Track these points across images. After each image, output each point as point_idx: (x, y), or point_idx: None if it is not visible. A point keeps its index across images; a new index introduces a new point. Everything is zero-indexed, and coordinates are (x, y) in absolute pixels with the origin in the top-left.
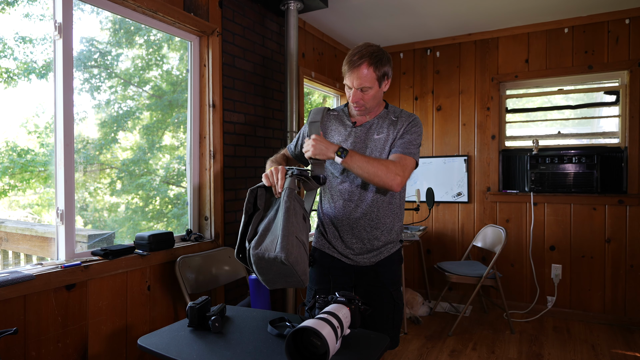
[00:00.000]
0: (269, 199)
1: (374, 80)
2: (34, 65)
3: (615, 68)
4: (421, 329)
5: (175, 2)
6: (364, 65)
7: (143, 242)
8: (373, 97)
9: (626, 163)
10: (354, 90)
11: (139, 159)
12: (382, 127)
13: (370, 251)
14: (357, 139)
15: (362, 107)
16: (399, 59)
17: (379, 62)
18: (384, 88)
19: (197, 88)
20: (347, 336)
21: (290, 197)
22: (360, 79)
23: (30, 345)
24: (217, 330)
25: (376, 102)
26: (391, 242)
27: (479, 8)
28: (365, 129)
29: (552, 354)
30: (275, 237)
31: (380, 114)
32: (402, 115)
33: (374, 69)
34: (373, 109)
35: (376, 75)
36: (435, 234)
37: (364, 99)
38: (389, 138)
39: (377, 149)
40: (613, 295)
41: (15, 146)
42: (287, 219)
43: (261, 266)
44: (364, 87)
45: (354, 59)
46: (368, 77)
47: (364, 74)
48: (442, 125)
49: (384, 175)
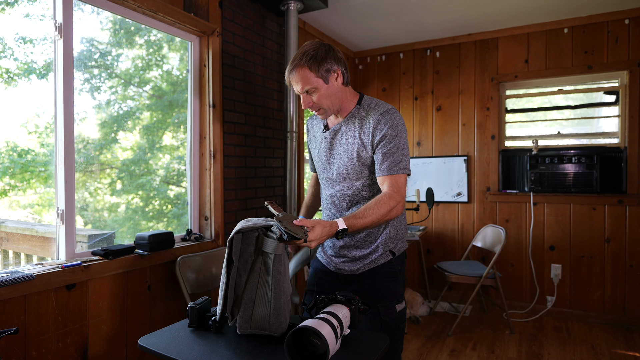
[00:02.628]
0: (246, 249)
1: (316, 79)
2: (34, 66)
3: (615, 68)
4: (421, 328)
5: (176, 2)
6: (298, 68)
7: (143, 242)
8: (326, 96)
9: (626, 163)
10: (302, 96)
11: (139, 159)
12: (350, 130)
13: (353, 260)
14: (328, 145)
15: (318, 109)
16: (399, 59)
17: (314, 59)
18: (336, 83)
19: (197, 88)
20: (347, 336)
21: (280, 262)
22: (300, 82)
23: (30, 345)
24: (218, 330)
25: (334, 101)
26: (375, 251)
27: (479, 8)
28: (334, 134)
29: (552, 354)
30: (269, 312)
31: (351, 113)
32: (373, 112)
33: (309, 68)
34: (334, 108)
35: (315, 74)
36: (435, 234)
37: (316, 102)
38: (355, 142)
39: (344, 155)
40: (613, 295)
41: (15, 146)
42: (280, 291)
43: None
44: (308, 89)
45: (290, 67)
46: (307, 78)
47: (302, 76)
48: (442, 125)
49: (387, 216)
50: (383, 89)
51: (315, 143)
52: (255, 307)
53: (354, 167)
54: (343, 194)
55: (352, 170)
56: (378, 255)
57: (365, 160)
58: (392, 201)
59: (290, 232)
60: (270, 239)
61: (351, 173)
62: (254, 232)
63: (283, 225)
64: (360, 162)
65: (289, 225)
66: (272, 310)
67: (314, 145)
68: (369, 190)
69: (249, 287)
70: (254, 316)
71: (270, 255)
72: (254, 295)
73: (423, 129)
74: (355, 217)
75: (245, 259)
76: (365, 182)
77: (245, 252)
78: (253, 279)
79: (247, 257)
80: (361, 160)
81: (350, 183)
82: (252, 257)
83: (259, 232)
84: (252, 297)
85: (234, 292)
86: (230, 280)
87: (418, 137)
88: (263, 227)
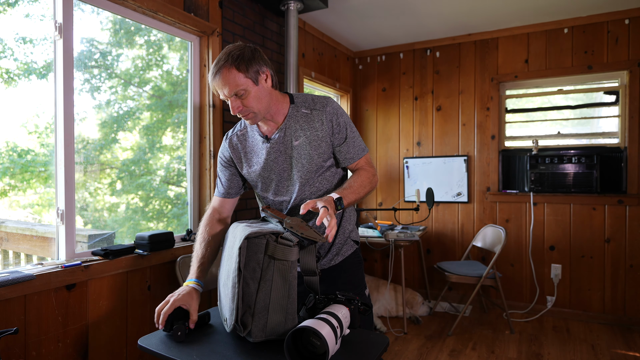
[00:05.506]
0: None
1: (245, 80)
2: (34, 66)
3: (615, 68)
4: (421, 328)
5: (176, 2)
6: (225, 70)
7: (143, 242)
8: (256, 99)
9: (626, 163)
10: (230, 100)
11: (139, 159)
12: (297, 130)
13: (321, 256)
14: (277, 153)
15: (249, 114)
16: (399, 59)
17: (241, 60)
18: (265, 85)
19: (197, 88)
20: (346, 336)
21: (294, 268)
22: (228, 84)
23: (30, 345)
24: (180, 340)
25: (265, 104)
26: (341, 241)
27: (479, 8)
28: (279, 140)
29: (552, 354)
30: (284, 318)
31: (289, 114)
32: (316, 106)
33: (237, 68)
34: (264, 112)
35: (244, 75)
36: (435, 234)
37: (246, 105)
38: (309, 139)
39: (302, 156)
40: (613, 295)
41: (15, 146)
42: (294, 296)
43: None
44: (237, 91)
45: (213, 70)
46: (235, 79)
47: (229, 77)
48: (442, 125)
49: (371, 184)
50: (383, 89)
51: (251, 160)
52: (270, 315)
53: (314, 164)
54: (307, 196)
55: (314, 169)
56: (341, 244)
57: (323, 154)
58: (370, 172)
59: (309, 237)
60: (287, 246)
61: (312, 171)
62: (262, 239)
63: (299, 232)
64: (320, 157)
65: (305, 230)
66: (288, 315)
67: (247, 162)
68: (328, 180)
69: (261, 296)
70: (269, 323)
71: (288, 262)
72: (268, 303)
73: (423, 129)
74: (344, 189)
75: (252, 267)
76: (324, 175)
77: (253, 260)
78: (265, 287)
79: (255, 265)
80: (321, 156)
81: (313, 180)
82: (261, 265)
83: (267, 239)
84: (265, 306)
85: (242, 302)
86: (239, 289)
87: (418, 137)
88: (271, 233)
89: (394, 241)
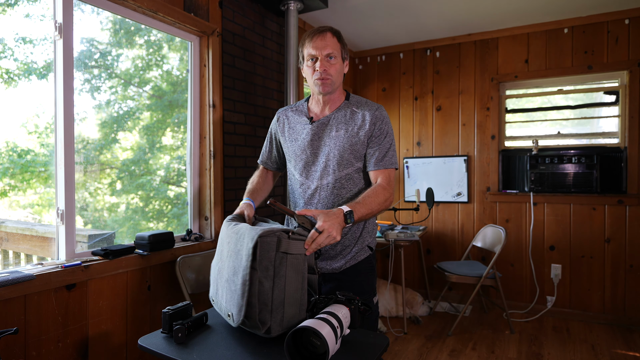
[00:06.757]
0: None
1: (339, 50)
2: (34, 66)
3: (615, 68)
4: (421, 328)
5: (176, 2)
6: (330, 33)
7: (143, 242)
8: (338, 71)
9: (626, 163)
10: (320, 59)
11: (139, 159)
12: (341, 122)
13: (334, 257)
14: (314, 136)
15: (328, 79)
16: (399, 59)
17: (341, 36)
18: (345, 69)
19: (197, 88)
20: (347, 336)
21: (305, 261)
22: (327, 46)
23: (30, 345)
24: (181, 341)
25: (340, 81)
26: (355, 246)
27: (479, 8)
28: (322, 125)
29: (552, 354)
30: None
31: (340, 107)
32: (365, 108)
33: (338, 39)
34: (335, 87)
35: (340, 46)
36: (435, 234)
37: (331, 71)
38: (347, 134)
39: (336, 146)
40: (613, 295)
41: (15, 146)
42: (306, 287)
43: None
44: (331, 53)
45: (317, 30)
46: (334, 45)
47: (332, 41)
48: (442, 125)
49: (383, 206)
50: (383, 89)
51: (292, 135)
52: (286, 309)
53: (344, 159)
54: (327, 184)
55: (343, 162)
56: (357, 250)
57: (356, 152)
58: (387, 192)
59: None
60: (301, 241)
61: (341, 164)
62: (273, 237)
63: (310, 227)
64: (352, 154)
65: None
66: (301, 306)
67: (288, 137)
68: (352, 181)
69: (277, 292)
70: (285, 317)
71: (301, 256)
72: (283, 298)
73: (423, 129)
74: (357, 203)
75: (265, 266)
76: (351, 173)
77: (265, 259)
78: (280, 284)
79: (268, 264)
80: (353, 152)
81: (338, 174)
82: (273, 262)
83: (279, 236)
84: (281, 301)
85: (258, 300)
86: (253, 288)
87: (418, 137)
88: (282, 230)
89: (394, 241)
